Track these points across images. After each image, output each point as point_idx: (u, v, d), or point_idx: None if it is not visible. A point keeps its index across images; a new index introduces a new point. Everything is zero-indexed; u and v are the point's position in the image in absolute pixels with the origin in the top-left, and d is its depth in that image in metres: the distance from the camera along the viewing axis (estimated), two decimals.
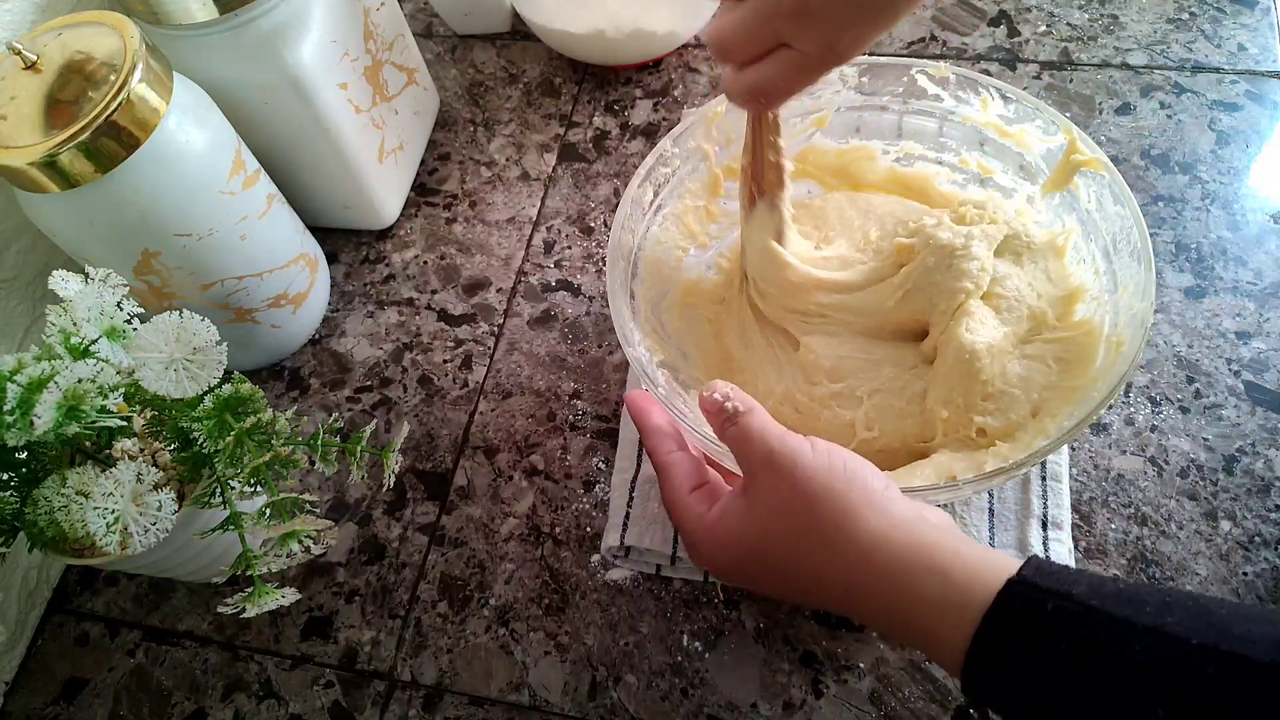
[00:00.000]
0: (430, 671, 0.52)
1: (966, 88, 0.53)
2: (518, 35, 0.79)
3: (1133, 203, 0.46)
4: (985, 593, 0.32)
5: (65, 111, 0.45)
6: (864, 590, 0.35)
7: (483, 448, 0.59)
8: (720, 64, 0.45)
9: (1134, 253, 0.46)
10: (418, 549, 0.56)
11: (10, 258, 0.55)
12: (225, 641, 0.54)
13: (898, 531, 0.35)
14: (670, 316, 0.55)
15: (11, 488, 0.41)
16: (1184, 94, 0.66)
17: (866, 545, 0.35)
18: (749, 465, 0.39)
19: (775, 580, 0.39)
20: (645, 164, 0.52)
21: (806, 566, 0.37)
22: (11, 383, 0.38)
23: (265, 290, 0.58)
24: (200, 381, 0.41)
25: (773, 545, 0.38)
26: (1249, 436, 0.52)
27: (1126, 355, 0.43)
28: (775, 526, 0.38)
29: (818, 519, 0.36)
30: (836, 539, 0.36)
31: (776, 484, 0.38)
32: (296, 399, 0.63)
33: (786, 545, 0.37)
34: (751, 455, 0.39)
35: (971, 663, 0.32)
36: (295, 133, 0.59)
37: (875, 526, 0.35)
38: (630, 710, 0.49)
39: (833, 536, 0.36)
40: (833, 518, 0.36)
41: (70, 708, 0.53)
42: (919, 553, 0.34)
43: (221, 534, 0.43)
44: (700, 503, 0.42)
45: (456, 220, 0.69)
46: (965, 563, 0.33)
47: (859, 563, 0.35)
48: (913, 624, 0.34)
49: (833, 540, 0.36)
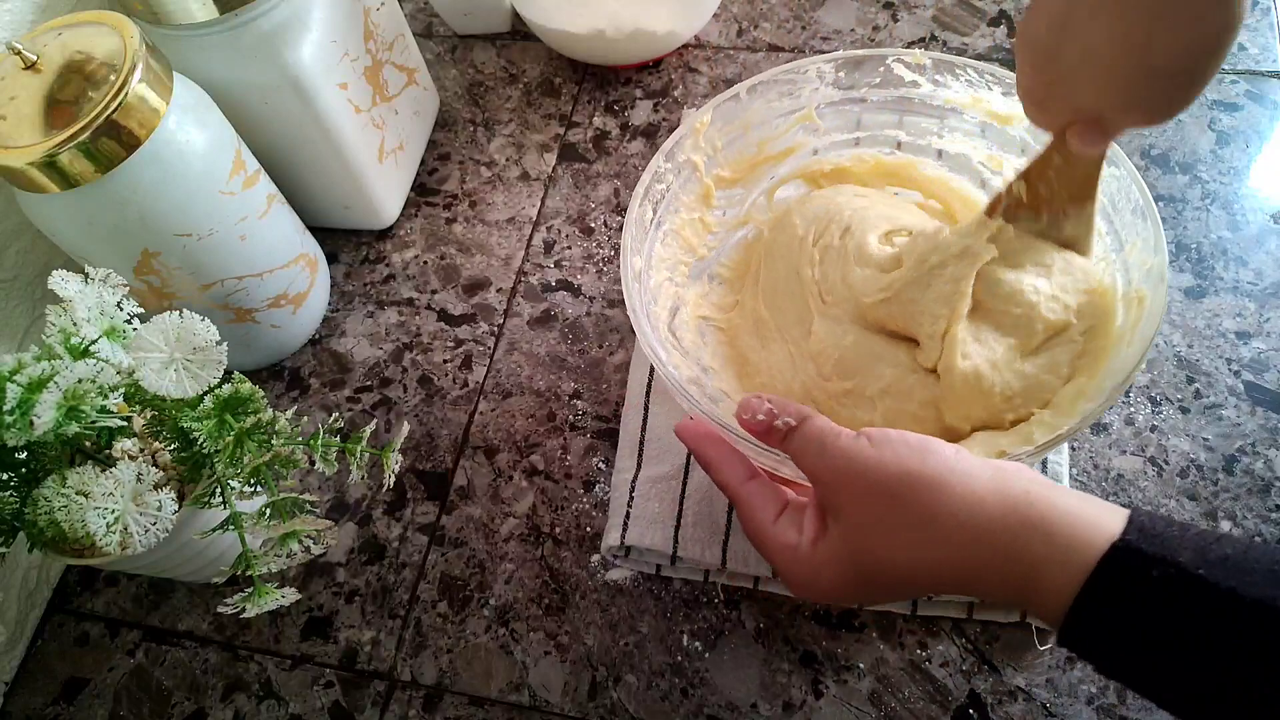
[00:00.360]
0: (430, 671, 0.52)
1: (944, 71, 0.53)
2: (518, 35, 0.79)
3: (1127, 163, 0.46)
4: (1088, 552, 0.31)
5: (65, 111, 0.45)
6: (966, 560, 0.34)
7: (483, 448, 0.59)
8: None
9: (1136, 209, 0.46)
10: (418, 549, 0.56)
11: (10, 258, 0.55)
12: (225, 641, 0.54)
13: (987, 492, 0.34)
14: (685, 332, 0.55)
15: (11, 488, 0.41)
16: None
17: (961, 515, 0.34)
18: (817, 479, 0.38)
19: (884, 584, 0.37)
20: (642, 182, 0.52)
21: (910, 558, 0.35)
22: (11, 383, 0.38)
23: (265, 290, 0.58)
24: (200, 381, 0.41)
25: (869, 552, 0.36)
26: (1249, 436, 0.52)
27: (1153, 311, 0.43)
28: (869, 535, 0.36)
29: (906, 505, 0.35)
30: (929, 519, 0.35)
31: (852, 489, 0.36)
32: (296, 399, 0.63)
33: (883, 545, 0.36)
34: (816, 468, 0.38)
35: (1071, 623, 0.31)
36: (295, 133, 0.59)
37: (964, 493, 0.34)
38: (630, 710, 0.49)
39: (925, 518, 0.35)
40: (919, 499, 0.35)
41: (70, 708, 0.53)
42: (1015, 510, 0.33)
43: (221, 534, 0.43)
44: (787, 531, 0.40)
45: (456, 220, 0.69)
46: (1064, 516, 0.32)
47: (956, 532, 0.34)
48: (1013, 582, 0.33)
49: (926, 521, 0.35)
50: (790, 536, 0.39)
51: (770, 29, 0.75)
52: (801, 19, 0.76)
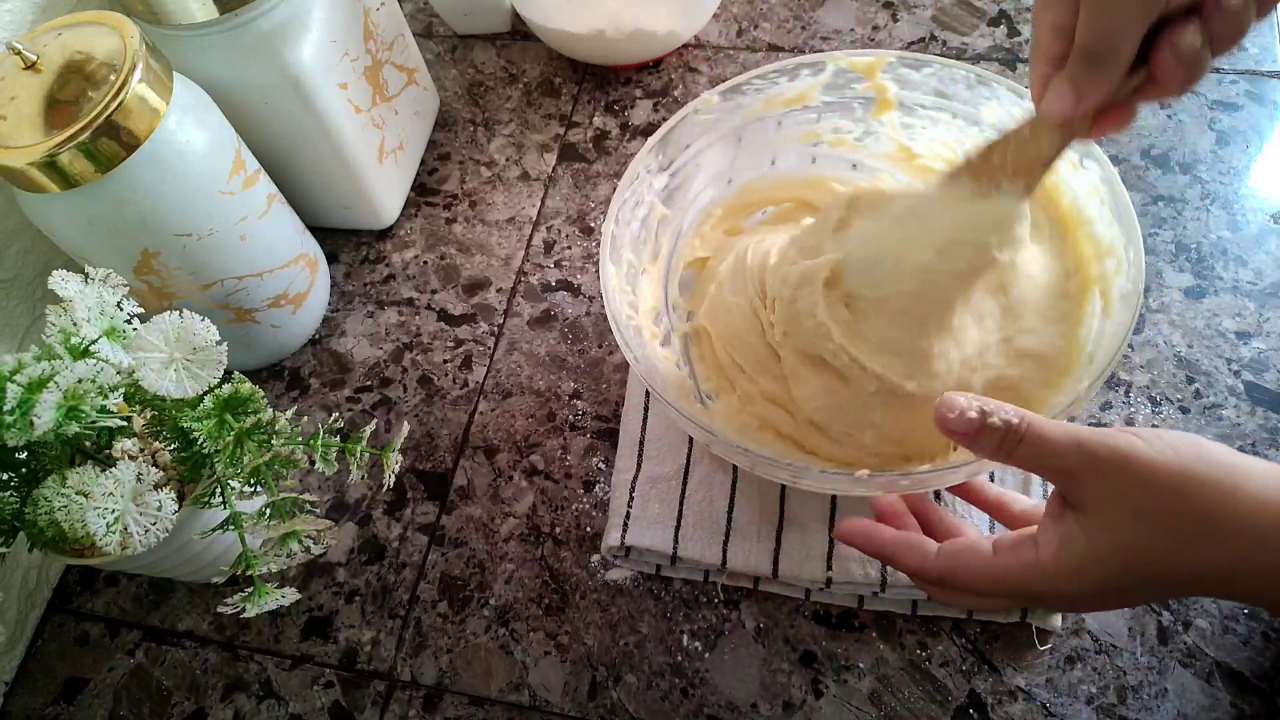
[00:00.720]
0: (430, 671, 0.52)
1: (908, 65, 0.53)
2: (518, 35, 0.79)
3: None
4: None
5: (65, 111, 0.45)
6: (1247, 564, 0.34)
7: (483, 448, 0.59)
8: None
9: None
10: (418, 549, 0.56)
11: (10, 258, 0.55)
12: (225, 641, 0.54)
13: (1269, 491, 0.33)
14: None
15: (11, 488, 0.41)
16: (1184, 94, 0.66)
17: (1246, 513, 0.33)
18: (1067, 479, 0.36)
19: (1145, 588, 0.36)
20: (604, 236, 0.50)
21: (1185, 563, 0.34)
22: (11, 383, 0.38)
23: (265, 290, 0.58)
24: (200, 381, 0.41)
25: (1139, 554, 0.35)
26: (1249, 436, 0.52)
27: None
28: (1139, 533, 0.35)
29: (1189, 502, 0.34)
30: (1214, 517, 0.34)
31: (1120, 488, 0.35)
32: (296, 399, 0.63)
33: (1156, 550, 0.34)
34: (1068, 464, 0.35)
35: None
36: (295, 133, 0.59)
37: (1247, 492, 0.33)
38: (630, 710, 0.49)
39: (1210, 516, 0.34)
40: (1204, 496, 0.34)
41: (70, 708, 0.53)
42: None
43: (221, 534, 0.43)
44: (1013, 553, 0.38)
45: (456, 220, 0.69)
46: None
47: (1241, 533, 0.33)
48: None
49: (1210, 519, 0.34)
50: (1026, 556, 0.37)
51: (770, 29, 0.76)
52: (801, 19, 0.76)
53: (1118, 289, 0.45)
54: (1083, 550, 0.35)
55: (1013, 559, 0.38)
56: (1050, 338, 0.47)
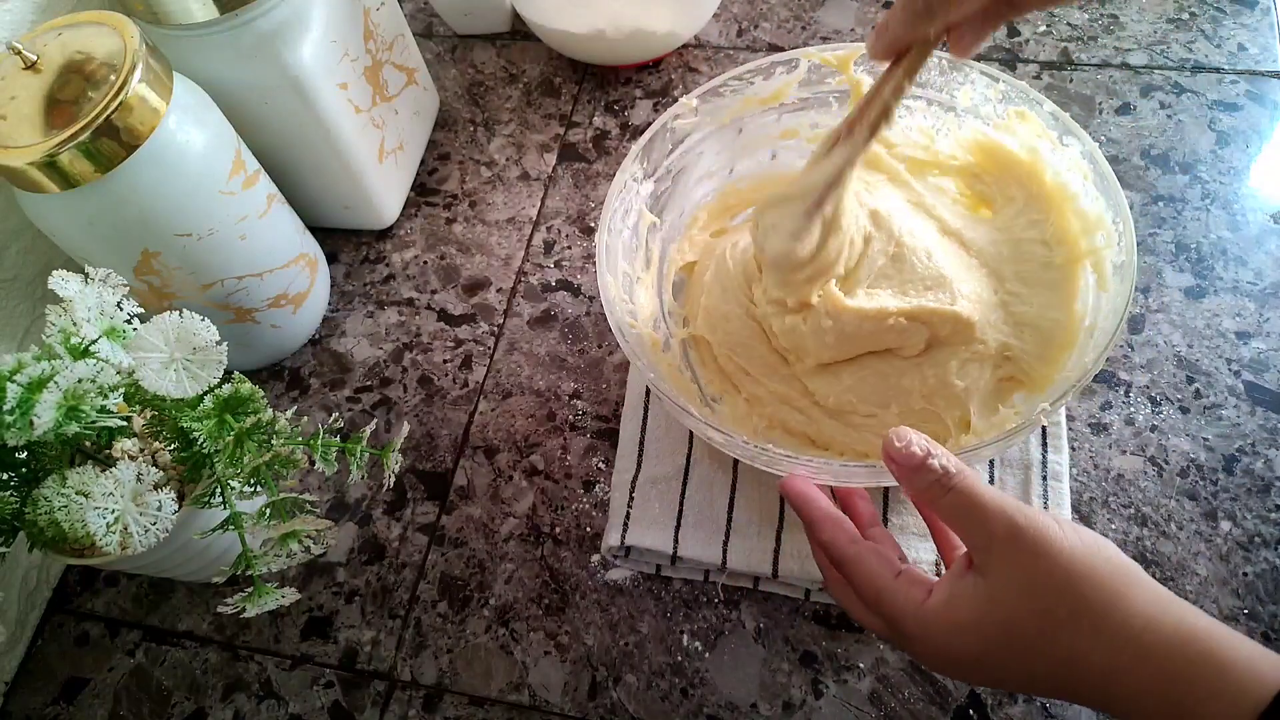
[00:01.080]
0: (430, 671, 0.52)
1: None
2: (518, 35, 0.79)
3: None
4: (1262, 691, 0.31)
5: (65, 111, 0.45)
6: (1128, 674, 0.34)
7: (483, 448, 0.59)
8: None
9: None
10: (418, 549, 0.56)
11: (10, 258, 0.55)
12: (225, 641, 0.54)
13: (1168, 615, 0.34)
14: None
15: (11, 488, 0.41)
16: (1184, 94, 0.66)
17: (1138, 627, 0.34)
18: (981, 539, 0.36)
19: (1018, 667, 0.36)
20: (599, 247, 0.50)
21: (1060, 650, 0.34)
22: (11, 383, 0.38)
23: (265, 290, 0.58)
24: (200, 381, 0.41)
25: (1020, 628, 0.35)
26: (1249, 436, 0.52)
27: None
28: (1027, 607, 0.35)
29: (1083, 599, 0.34)
30: (1104, 621, 0.34)
31: (1024, 560, 0.35)
32: (296, 399, 0.63)
33: (1038, 628, 0.35)
34: (987, 528, 0.36)
35: None
36: (295, 133, 0.59)
37: (1144, 608, 0.34)
38: (630, 710, 0.49)
39: (1100, 618, 0.34)
40: (1100, 598, 0.34)
41: (70, 708, 0.53)
42: (1193, 637, 0.33)
43: (221, 534, 0.43)
44: (908, 586, 0.38)
45: (456, 220, 0.69)
46: (1241, 654, 0.32)
47: (1126, 645, 0.34)
48: (1180, 710, 0.33)
49: (1099, 622, 0.34)
50: (917, 594, 0.38)
51: (770, 29, 0.76)
52: (801, 19, 0.76)
53: (1110, 261, 0.46)
54: (968, 612, 0.36)
55: (903, 591, 0.38)
56: (1043, 308, 0.49)
